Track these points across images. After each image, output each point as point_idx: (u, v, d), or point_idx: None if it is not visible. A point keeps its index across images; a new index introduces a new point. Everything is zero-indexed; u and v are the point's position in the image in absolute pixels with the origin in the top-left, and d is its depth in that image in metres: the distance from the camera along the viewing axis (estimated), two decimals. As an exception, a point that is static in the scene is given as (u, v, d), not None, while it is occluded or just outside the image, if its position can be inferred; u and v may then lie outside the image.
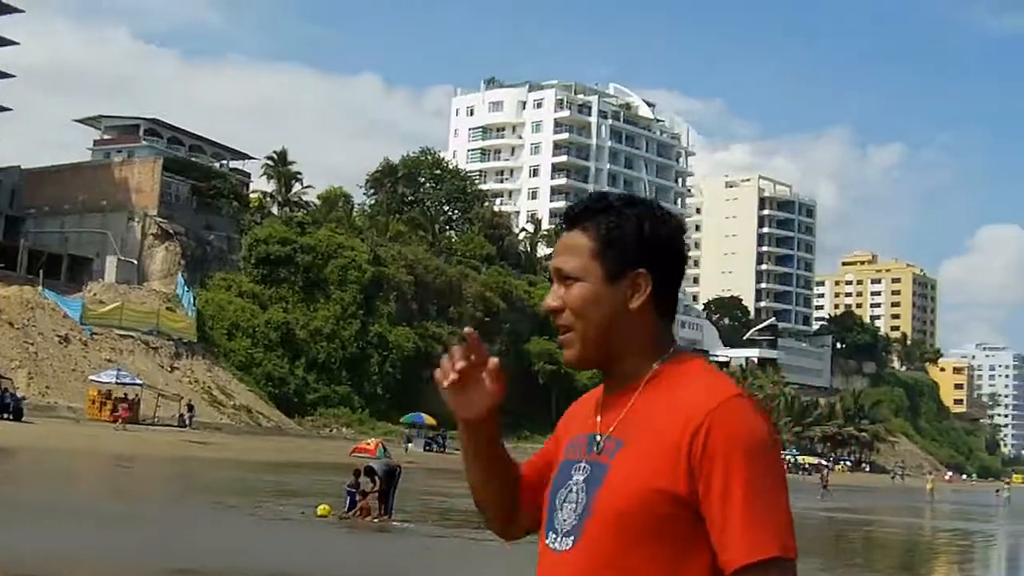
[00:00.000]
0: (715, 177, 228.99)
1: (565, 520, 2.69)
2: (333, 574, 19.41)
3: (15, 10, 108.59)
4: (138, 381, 70.24)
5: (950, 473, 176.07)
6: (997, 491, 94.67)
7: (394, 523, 28.75)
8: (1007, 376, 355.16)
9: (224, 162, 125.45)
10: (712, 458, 2.53)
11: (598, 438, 2.72)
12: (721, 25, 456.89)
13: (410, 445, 78.73)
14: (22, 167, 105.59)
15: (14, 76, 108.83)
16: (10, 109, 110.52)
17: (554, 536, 2.71)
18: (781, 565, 2.51)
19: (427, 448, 78.83)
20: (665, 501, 2.56)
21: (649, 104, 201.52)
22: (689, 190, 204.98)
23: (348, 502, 29.33)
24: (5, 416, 57.94)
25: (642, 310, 2.71)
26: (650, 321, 2.74)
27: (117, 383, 68.09)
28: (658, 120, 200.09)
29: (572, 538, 2.66)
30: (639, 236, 2.71)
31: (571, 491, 2.71)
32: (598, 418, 2.77)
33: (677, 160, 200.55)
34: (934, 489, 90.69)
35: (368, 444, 67.21)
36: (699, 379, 2.67)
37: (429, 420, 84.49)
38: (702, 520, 2.56)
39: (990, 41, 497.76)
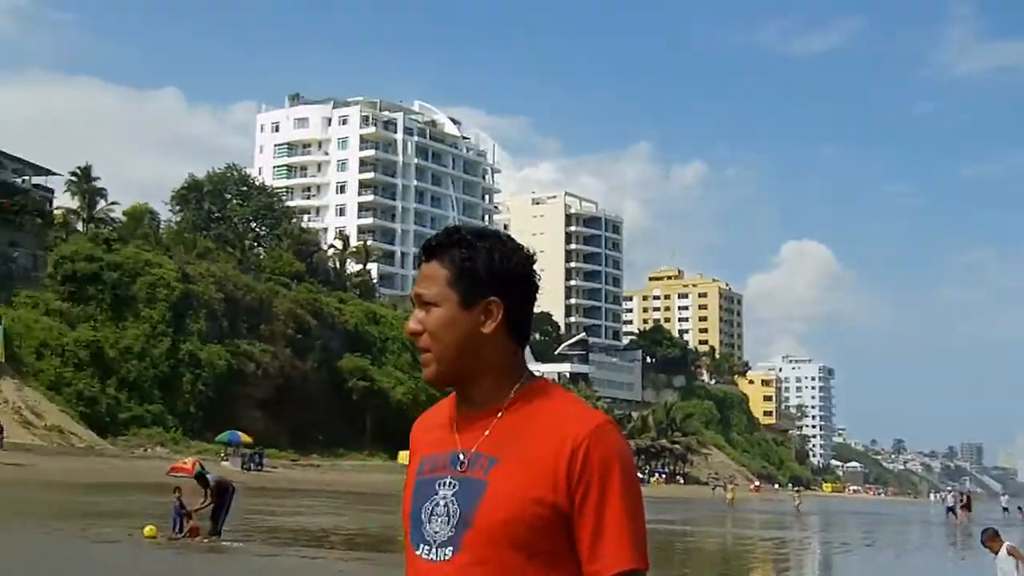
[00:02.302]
0: (522, 194, 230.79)
1: (437, 532, 2.85)
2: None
3: None
4: (-56, 402, 68.21)
5: (756, 483, 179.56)
6: (793, 499, 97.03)
7: (224, 543, 28.32)
8: (813, 388, 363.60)
9: (26, 178, 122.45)
10: (591, 474, 2.76)
11: (462, 456, 2.91)
12: (522, 46, 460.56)
13: (226, 463, 77.61)
14: None
15: None
16: None
17: (427, 548, 2.86)
18: None
19: (245, 467, 77.67)
20: (546, 512, 2.78)
21: (455, 121, 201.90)
22: (496, 207, 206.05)
23: (176, 523, 28.76)
24: None
25: (495, 334, 2.92)
26: (504, 345, 2.95)
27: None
28: (464, 137, 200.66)
29: (450, 549, 2.82)
30: (490, 266, 2.91)
31: (439, 505, 2.88)
32: (456, 436, 2.96)
33: (484, 177, 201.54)
34: (734, 499, 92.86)
35: (185, 463, 66.39)
36: (569, 405, 2.91)
37: (245, 438, 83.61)
38: (572, 534, 2.81)
39: (781, 63, 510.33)
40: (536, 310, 3.09)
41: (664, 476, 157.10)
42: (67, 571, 22.54)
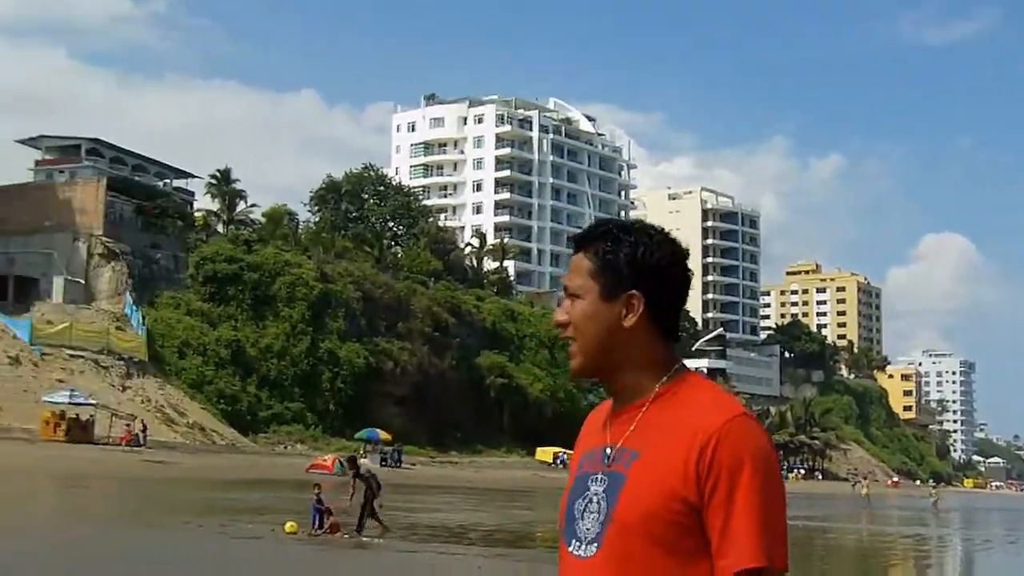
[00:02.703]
0: (658, 190, 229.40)
1: (588, 529, 2.86)
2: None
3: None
4: (91, 401, 69.24)
5: (895, 478, 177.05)
6: (930, 495, 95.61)
7: (363, 539, 28.51)
8: (954, 382, 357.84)
9: (167, 181, 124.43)
10: (719, 469, 2.73)
11: (609, 450, 2.92)
12: (656, 40, 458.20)
13: (365, 460, 78.02)
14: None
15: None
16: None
17: (577, 544, 2.88)
18: (771, 575, 2.73)
19: (383, 463, 78.02)
20: (680, 507, 2.75)
21: (589, 118, 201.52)
22: (632, 203, 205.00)
23: (316, 519, 28.92)
24: (-42, 438, 57.06)
25: (636, 328, 2.92)
26: (646, 339, 2.94)
27: (70, 403, 67.16)
28: (599, 134, 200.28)
29: (595, 545, 2.83)
30: (632, 260, 2.92)
31: (591, 501, 2.89)
32: (608, 432, 2.96)
33: (619, 173, 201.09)
34: (870, 495, 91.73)
35: (325, 460, 67.19)
36: (708, 397, 2.88)
37: (384, 435, 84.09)
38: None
39: (916, 53, 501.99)
40: (678, 305, 3.12)
41: (803, 472, 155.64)
42: (212, 566, 22.97)
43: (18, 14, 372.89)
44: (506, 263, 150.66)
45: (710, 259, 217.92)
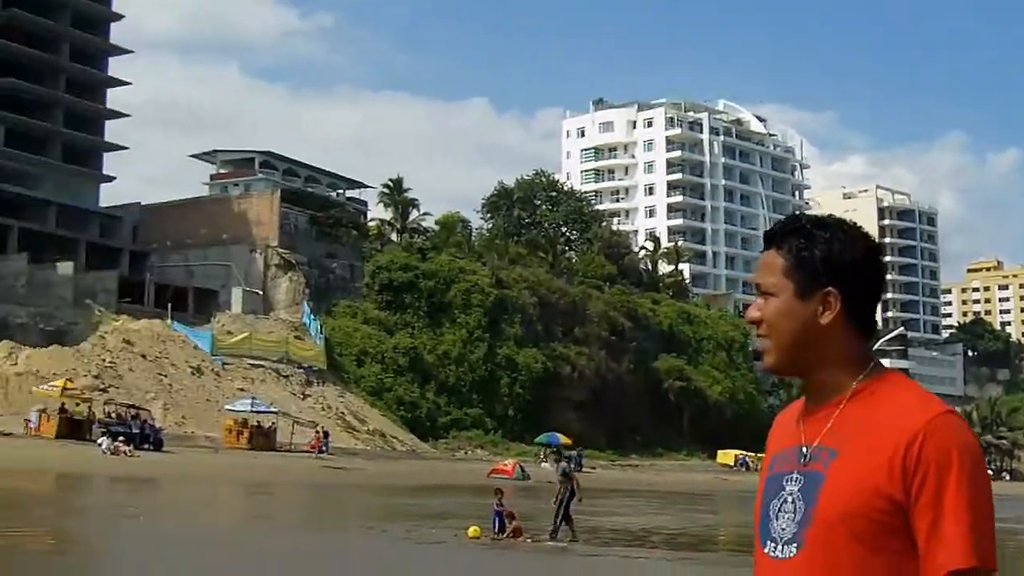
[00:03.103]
0: (832, 189, 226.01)
1: (784, 529, 2.80)
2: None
3: (126, 51, 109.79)
4: (272, 409, 69.81)
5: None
6: None
7: (550, 543, 28.25)
8: None
9: (340, 192, 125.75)
10: (926, 467, 2.65)
11: (805, 449, 2.84)
12: (826, 38, 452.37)
13: (545, 465, 77.58)
14: (142, 203, 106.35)
15: (129, 115, 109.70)
16: (127, 148, 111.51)
17: (773, 545, 2.82)
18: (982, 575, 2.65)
19: (563, 468, 77.25)
20: (884, 506, 2.67)
21: (760, 119, 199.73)
22: (807, 203, 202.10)
23: (497, 523, 28.55)
24: (146, 447, 57.66)
25: (833, 326, 2.83)
26: (843, 336, 2.84)
27: (252, 411, 67.66)
28: (770, 135, 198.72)
29: (795, 545, 2.77)
30: (827, 257, 2.84)
31: (786, 501, 2.82)
32: (802, 430, 2.88)
33: (792, 174, 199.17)
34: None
35: (505, 465, 66.92)
36: (910, 395, 2.78)
37: (564, 440, 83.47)
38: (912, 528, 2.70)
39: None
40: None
41: (990, 472, 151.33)
42: (400, 570, 23.05)
43: (191, 33, 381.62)
44: (681, 266, 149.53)
45: (888, 258, 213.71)
